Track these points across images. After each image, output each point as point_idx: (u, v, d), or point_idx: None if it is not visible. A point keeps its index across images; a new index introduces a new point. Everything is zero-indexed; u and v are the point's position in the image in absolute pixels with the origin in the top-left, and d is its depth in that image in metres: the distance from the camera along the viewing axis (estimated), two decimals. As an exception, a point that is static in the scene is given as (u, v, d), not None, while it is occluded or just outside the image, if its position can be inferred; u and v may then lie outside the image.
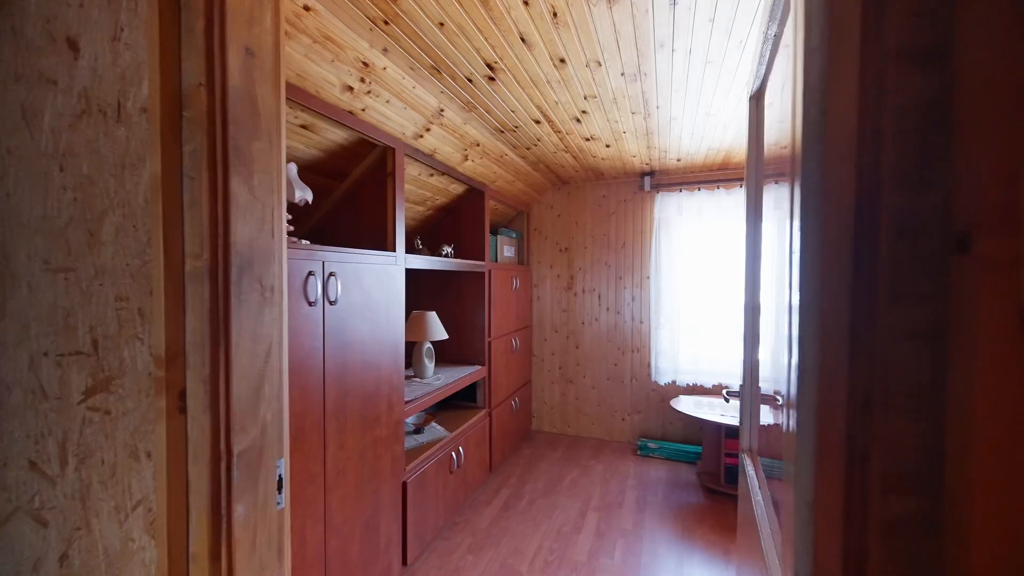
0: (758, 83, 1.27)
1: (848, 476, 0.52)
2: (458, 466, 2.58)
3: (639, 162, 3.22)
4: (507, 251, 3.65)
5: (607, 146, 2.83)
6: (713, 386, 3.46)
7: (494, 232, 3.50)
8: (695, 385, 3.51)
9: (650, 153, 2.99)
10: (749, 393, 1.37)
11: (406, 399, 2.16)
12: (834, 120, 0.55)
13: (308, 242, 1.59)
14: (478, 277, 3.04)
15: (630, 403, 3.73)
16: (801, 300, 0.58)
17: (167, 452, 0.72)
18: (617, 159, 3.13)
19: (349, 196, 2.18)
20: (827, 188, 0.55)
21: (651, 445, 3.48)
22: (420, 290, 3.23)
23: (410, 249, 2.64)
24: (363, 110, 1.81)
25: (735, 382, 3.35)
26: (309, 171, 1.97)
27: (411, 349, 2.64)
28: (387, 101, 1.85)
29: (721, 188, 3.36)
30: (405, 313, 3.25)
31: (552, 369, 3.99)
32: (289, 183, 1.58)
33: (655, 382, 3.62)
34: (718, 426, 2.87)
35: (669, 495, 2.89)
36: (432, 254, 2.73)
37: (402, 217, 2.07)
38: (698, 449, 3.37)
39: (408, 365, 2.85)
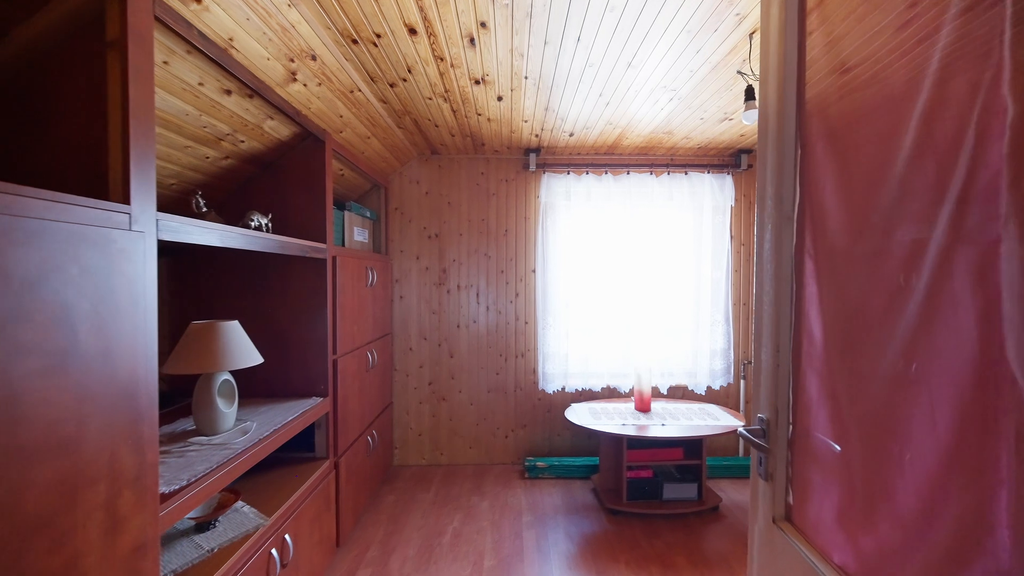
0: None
1: None
2: (283, 566, 1.61)
3: (529, 131, 2.69)
4: (359, 234, 2.71)
5: (499, 98, 2.20)
6: (602, 389, 3.17)
7: (340, 206, 2.54)
8: (585, 390, 3.17)
9: (545, 119, 2.48)
10: (784, 438, 0.88)
11: (167, 490, 1.13)
12: None
13: None
14: (316, 266, 2.06)
15: (514, 417, 3.20)
16: None
17: None
18: (506, 123, 2.53)
19: (8, 81, 1.04)
20: None
21: (540, 464, 3.01)
22: (210, 285, 2.07)
23: (181, 210, 1.55)
24: None
25: (626, 383, 3.12)
26: None
27: (190, 386, 1.55)
28: None
29: (608, 173, 3.08)
30: (174, 324, 2.05)
31: (420, 386, 3.19)
32: None
33: (542, 390, 3.16)
34: (618, 438, 2.53)
35: (571, 527, 2.43)
36: (232, 224, 1.65)
37: (148, 142, 1.05)
38: (588, 461, 3.03)
39: (184, 414, 1.73)
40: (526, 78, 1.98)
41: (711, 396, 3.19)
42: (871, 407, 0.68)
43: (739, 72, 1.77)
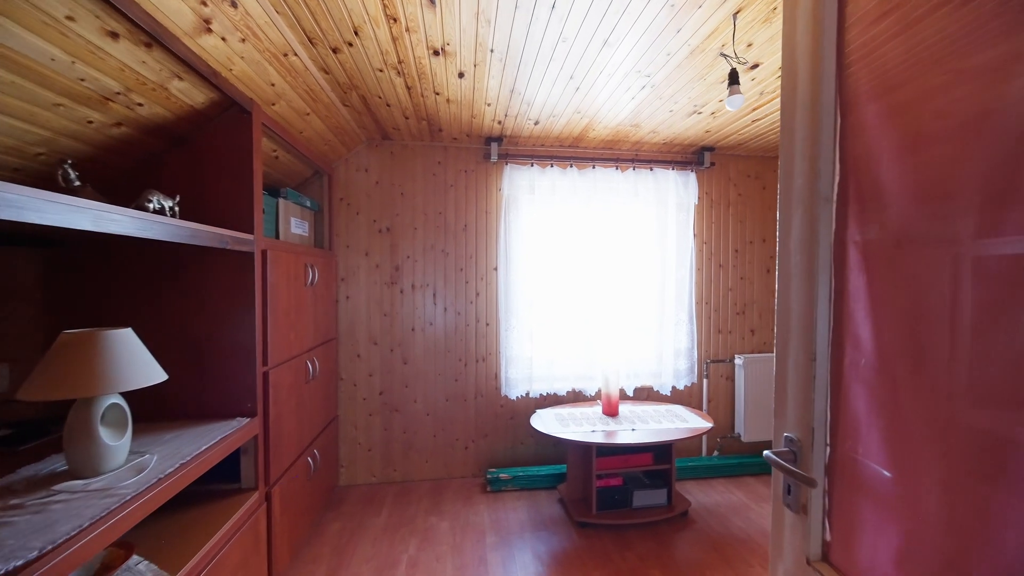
0: None
1: None
2: (194, 635, 1.29)
3: (491, 117, 2.48)
4: (297, 226, 2.37)
5: (460, 75, 1.97)
6: (567, 392, 3.03)
7: (274, 193, 2.19)
8: (550, 395, 3.01)
9: (510, 103, 2.28)
10: (820, 463, 0.74)
11: (2, 569, 0.81)
12: None
13: None
14: (241, 262, 1.73)
15: (475, 426, 2.98)
16: None
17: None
18: (467, 105, 2.30)
19: None
20: None
21: (503, 476, 2.81)
22: (104, 285, 1.68)
23: (50, 187, 1.19)
24: None
25: (591, 386, 2.99)
26: None
27: (65, 411, 1.19)
28: None
29: (573, 167, 2.94)
30: (52, 335, 1.64)
31: (370, 396, 2.88)
32: None
33: (505, 396, 2.96)
34: (587, 445, 2.39)
35: (539, 544, 2.25)
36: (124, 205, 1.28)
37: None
38: (554, 469, 2.87)
39: (59, 448, 1.36)
40: (492, 51, 1.77)
41: (676, 396, 3.14)
42: (961, 433, 0.54)
43: (722, 54, 1.67)
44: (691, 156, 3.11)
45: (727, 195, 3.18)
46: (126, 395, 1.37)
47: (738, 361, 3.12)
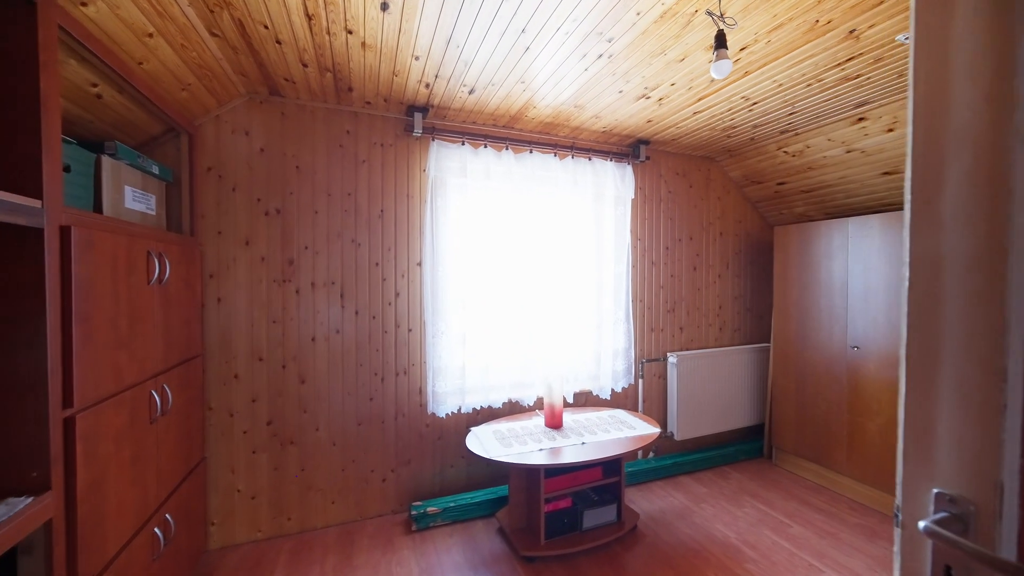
0: None
1: None
2: None
3: (418, 76, 2.03)
4: (135, 199, 1.67)
5: (384, 6, 1.50)
6: (504, 404, 2.69)
7: (95, 147, 1.49)
8: (483, 408, 2.64)
9: (444, 59, 1.86)
10: (1012, 535, 0.49)
11: None
12: None
13: None
14: (15, 242, 1.06)
15: (395, 453, 2.48)
16: None
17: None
18: (388, 55, 1.83)
19: None
20: None
21: (431, 510, 2.36)
22: None
23: None
24: None
25: (529, 394, 2.69)
26: None
27: None
28: None
29: (509, 150, 2.62)
30: None
31: (253, 428, 2.22)
32: None
33: (432, 414, 2.52)
34: (535, 468, 2.07)
35: (480, 595, 1.87)
36: None
37: None
38: (490, 493, 2.51)
39: None
40: (430, -27, 1.35)
41: (614, 399, 3.00)
42: None
43: (708, 12, 1.46)
44: (627, 149, 3.00)
45: (659, 191, 3.14)
46: None
47: (671, 359, 3.09)
